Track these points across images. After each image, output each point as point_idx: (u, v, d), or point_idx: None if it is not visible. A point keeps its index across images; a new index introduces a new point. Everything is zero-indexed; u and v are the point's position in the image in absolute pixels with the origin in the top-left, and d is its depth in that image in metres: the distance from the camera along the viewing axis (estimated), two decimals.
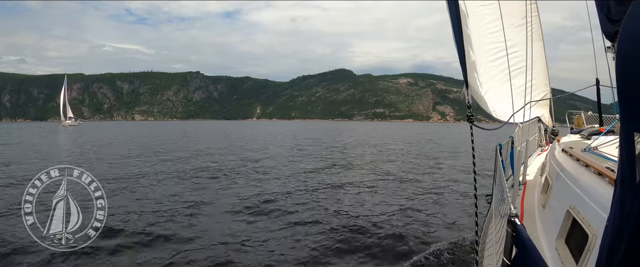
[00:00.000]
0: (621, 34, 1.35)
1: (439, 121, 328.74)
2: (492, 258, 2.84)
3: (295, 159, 25.06)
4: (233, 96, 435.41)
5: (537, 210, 4.27)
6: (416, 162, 23.98)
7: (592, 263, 2.20)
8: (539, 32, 7.73)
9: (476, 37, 5.53)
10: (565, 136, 6.33)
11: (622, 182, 1.31)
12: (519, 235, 1.64)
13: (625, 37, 1.31)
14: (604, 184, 2.51)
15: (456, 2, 3.51)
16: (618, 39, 1.39)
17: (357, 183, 15.47)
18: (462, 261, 7.19)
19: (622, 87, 1.30)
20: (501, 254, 2.26)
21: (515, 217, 1.71)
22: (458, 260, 7.23)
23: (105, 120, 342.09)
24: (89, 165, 20.07)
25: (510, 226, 1.70)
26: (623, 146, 1.30)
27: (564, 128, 8.98)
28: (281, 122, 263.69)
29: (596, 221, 2.34)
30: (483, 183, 10.64)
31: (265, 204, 11.45)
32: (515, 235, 1.67)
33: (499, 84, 5.91)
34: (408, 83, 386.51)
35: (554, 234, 3.02)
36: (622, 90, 1.30)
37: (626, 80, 1.28)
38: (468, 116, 3.42)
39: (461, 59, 3.54)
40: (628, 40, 1.27)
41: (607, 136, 4.63)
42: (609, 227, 1.38)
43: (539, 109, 9.00)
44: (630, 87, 1.26)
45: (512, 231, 1.69)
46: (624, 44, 1.30)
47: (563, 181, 3.42)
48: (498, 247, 2.60)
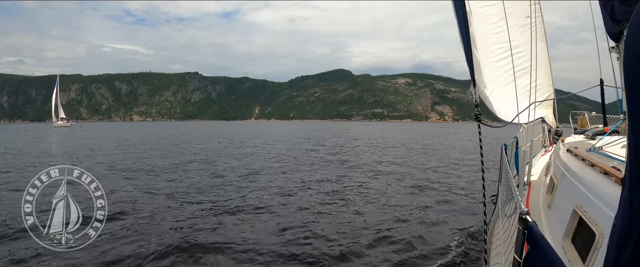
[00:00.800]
0: (628, 35, 1.34)
1: (437, 121, 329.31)
2: (500, 257, 2.82)
3: (294, 160, 24.99)
4: (231, 97, 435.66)
5: (543, 210, 4.26)
6: (418, 161, 23.98)
7: (599, 261, 2.21)
8: (542, 32, 7.73)
9: (480, 38, 5.54)
10: (570, 136, 6.32)
11: (630, 180, 1.31)
12: (531, 232, 1.62)
13: (632, 37, 1.30)
14: (611, 183, 2.51)
15: (463, 2, 3.50)
16: (625, 40, 1.41)
17: (361, 183, 15.43)
18: (469, 261, 7.18)
19: (630, 87, 1.29)
20: (509, 252, 2.24)
21: (526, 215, 1.69)
22: (465, 260, 7.22)
23: (103, 121, 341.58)
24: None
25: (522, 224, 1.69)
26: (631, 145, 1.30)
27: (566, 129, 8.97)
28: (280, 123, 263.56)
29: (603, 219, 2.34)
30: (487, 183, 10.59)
31: (269, 205, 11.42)
32: (527, 232, 1.65)
33: (503, 85, 5.91)
34: (406, 83, 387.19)
35: (560, 233, 3.02)
36: (630, 90, 1.29)
37: (633, 81, 1.27)
38: (476, 115, 3.40)
39: (468, 58, 3.53)
40: (635, 40, 1.27)
41: (611, 136, 4.62)
42: (617, 225, 1.38)
43: (543, 110, 9.01)
44: (638, 87, 1.26)
45: (524, 229, 1.67)
46: (630, 45, 1.29)
47: (569, 180, 3.42)
48: (506, 246, 2.60)
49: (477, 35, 4.28)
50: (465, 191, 13.79)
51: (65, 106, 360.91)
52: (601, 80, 6.74)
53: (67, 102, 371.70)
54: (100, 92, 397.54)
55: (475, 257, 7.29)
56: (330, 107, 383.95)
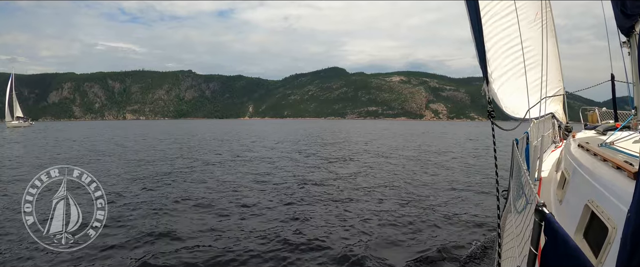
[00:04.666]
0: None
1: (432, 119, 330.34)
2: (514, 251, 2.81)
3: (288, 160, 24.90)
4: (225, 95, 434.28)
5: (554, 205, 4.26)
6: (422, 158, 24.03)
7: (612, 256, 2.20)
8: (552, 29, 7.74)
9: (490, 34, 5.54)
10: (580, 132, 6.32)
11: None
12: (549, 223, 1.61)
13: None
14: (623, 178, 2.51)
15: (476, 1, 3.49)
16: (637, 34, 1.41)
17: (368, 182, 15.44)
18: (482, 255, 7.24)
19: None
20: (523, 246, 2.24)
21: (542, 206, 1.66)
22: (479, 254, 7.29)
23: (96, 120, 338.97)
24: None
25: (538, 215, 1.66)
26: None
27: (576, 125, 9.00)
28: (273, 121, 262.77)
29: (616, 214, 2.33)
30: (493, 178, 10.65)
31: (273, 204, 11.42)
32: (544, 224, 1.64)
33: (512, 80, 5.92)
34: (401, 81, 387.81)
35: (572, 228, 2.99)
36: None
37: None
38: (489, 112, 3.38)
39: (481, 56, 3.51)
40: None
41: (623, 131, 4.61)
42: (630, 219, 1.37)
43: (553, 105, 9.05)
44: None
45: (540, 221, 1.65)
46: None
47: (580, 175, 3.40)
48: (519, 239, 2.59)
49: (486, 31, 4.27)
50: (476, 187, 13.96)
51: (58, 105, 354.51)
52: (612, 75, 6.74)
53: (59, 100, 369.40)
54: (93, 91, 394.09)
55: (488, 251, 7.35)
56: (324, 105, 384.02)
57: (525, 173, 3.07)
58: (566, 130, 9.05)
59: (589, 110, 8.03)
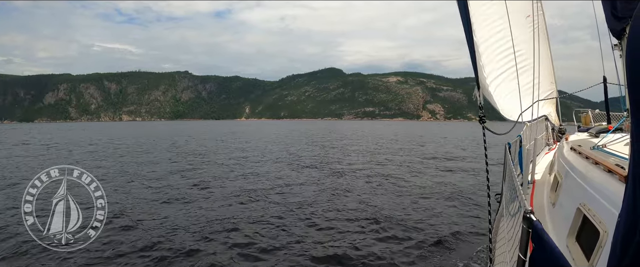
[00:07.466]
0: (630, 32, 1.33)
1: (429, 120, 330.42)
2: (505, 255, 2.83)
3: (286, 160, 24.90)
4: (222, 96, 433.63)
5: (547, 208, 4.28)
6: (420, 161, 24.08)
7: (603, 259, 2.22)
8: (544, 31, 7.75)
9: (482, 37, 5.54)
10: (573, 134, 6.33)
11: (634, 178, 1.30)
12: (536, 231, 1.63)
13: (634, 34, 1.28)
14: (614, 181, 2.51)
15: (466, 2, 3.51)
16: (627, 37, 1.39)
17: (362, 183, 15.47)
18: (475, 260, 7.21)
19: (632, 85, 1.27)
20: (514, 251, 2.24)
21: (530, 214, 1.69)
22: (471, 258, 7.27)
23: (92, 121, 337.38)
24: None
25: (526, 222, 1.68)
26: (634, 142, 1.29)
27: (569, 126, 9.00)
28: (270, 122, 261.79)
29: (607, 217, 2.35)
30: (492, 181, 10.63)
31: (275, 204, 11.44)
32: (532, 231, 1.66)
33: (505, 83, 5.91)
34: (398, 81, 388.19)
35: (565, 231, 3.02)
36: (632, 87, 1.27)
37: (637, 77, 1.25)
38: (480, 117, 3.41)
39: (473, 59, 3.53)
40: (638, 37, 1.25)
41: (615, 133, 4.64)
42: (620, 223, 1.38)
43: (546, 108, 9.04)
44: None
45: (528, 227, 1.67)
46: (633, 42, 1.28)
47: (573, 178, 3.41)
48: (511, 245, 2.61)
49: (478, 34, 4.29)
50: (469, 190, 13.79)
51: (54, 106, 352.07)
52: (604, 77, 6.79)
53: (55, 102, 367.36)
54: (89, 92, 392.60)
55: (481, 256, 7.34)
56: (321, 106, 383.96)
57: (515, 177, 3.10)
58: (560, 132, 9.03)
59: (583, 112, 8.02)
